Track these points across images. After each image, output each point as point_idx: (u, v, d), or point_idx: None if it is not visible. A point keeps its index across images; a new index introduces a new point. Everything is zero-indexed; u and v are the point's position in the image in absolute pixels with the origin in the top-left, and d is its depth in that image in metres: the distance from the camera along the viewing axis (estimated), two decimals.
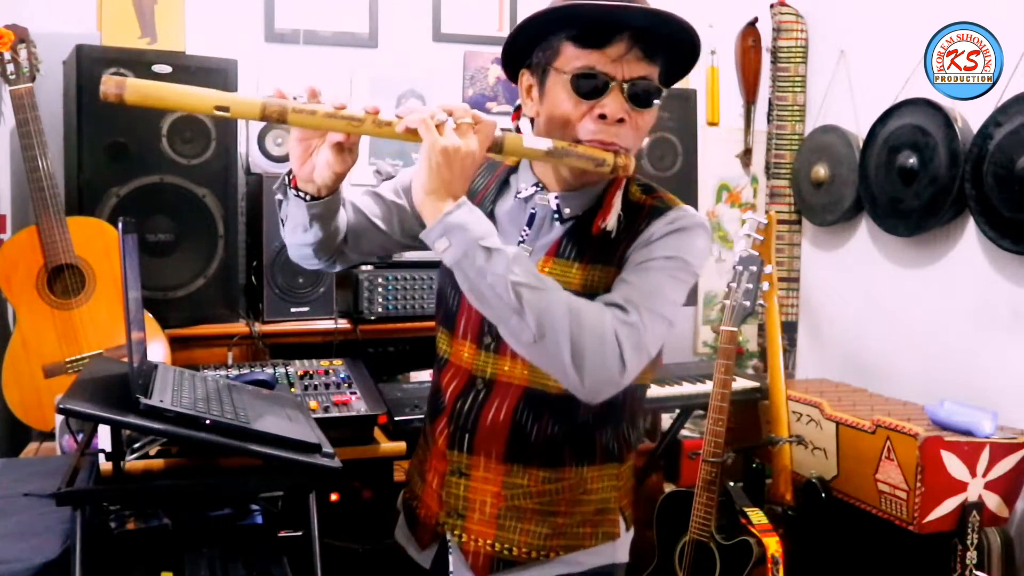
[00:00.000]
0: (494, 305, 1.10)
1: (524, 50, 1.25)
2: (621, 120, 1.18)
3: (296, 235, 1.29)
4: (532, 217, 1.31)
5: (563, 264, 1.26)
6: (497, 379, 1.28)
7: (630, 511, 1.40)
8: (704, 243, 1.25)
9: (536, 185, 1.30)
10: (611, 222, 1.24)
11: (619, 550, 1.37)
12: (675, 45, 1.20)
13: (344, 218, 1.33)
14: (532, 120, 1.28)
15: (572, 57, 1.18)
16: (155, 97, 1.09)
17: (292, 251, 1.36)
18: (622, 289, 1.18)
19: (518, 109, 1.30)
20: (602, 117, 1.17)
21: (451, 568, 1.34)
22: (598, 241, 1.25)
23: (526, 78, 1.27)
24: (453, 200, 1.10)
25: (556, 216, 1.28)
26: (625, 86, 1.17)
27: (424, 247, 1.22)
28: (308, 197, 1.23)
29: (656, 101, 1.21)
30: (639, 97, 1.18)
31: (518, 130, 1.27)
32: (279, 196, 1.28)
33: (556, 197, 1.27)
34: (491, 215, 1.32)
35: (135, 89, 1.07)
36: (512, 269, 1.08)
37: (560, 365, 1.10)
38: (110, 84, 1.05)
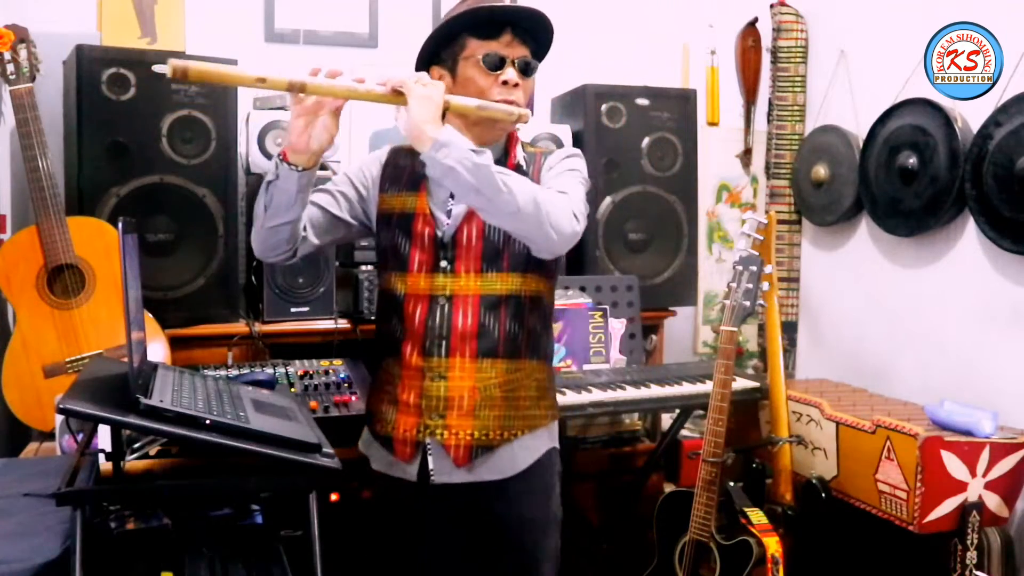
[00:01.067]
0: (486, 190, 1.47)
1: (431, 54, 1.70)
2: (517, 85, 1.65)
3: (278, 216, 1.60)
4: None
5: None
6: (455, 294, 1.65)
7: (555, 399, 1.82)
8: (584, 162, 1.76)
9: None
10: (520, 159, 1.73)
11: (554, 435, 1.77)
12: (540, 36, 1.69)
13: (306, 210, 1.66)
14: None
15: (476, 47, 1.65)
16: (211, 74, 1.46)
17: (265, 239, 1.64)
18: (551, 188, 1.62)
19: None
20: (505, 83, 1.64)
21: (431, 467, 1.66)
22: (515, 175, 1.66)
23: (436, 72, 1.68)
24: (437, 128, 1.48)
25: None
26: (516, 62, 1.66)
27: (364, 233, 1.78)
28: (299, 168, 1.56)
29: (535, 72, 1.70)
30: (526, 69, 1.67)
31: None
32: (270, 178, 1.59)
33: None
34: (423, 178, 1.66)
35: (196, 70, 1.39)
36: (491, 164, 1.48)
37: (539, 225, 1.52)
38: (178, 64, 1.35)
